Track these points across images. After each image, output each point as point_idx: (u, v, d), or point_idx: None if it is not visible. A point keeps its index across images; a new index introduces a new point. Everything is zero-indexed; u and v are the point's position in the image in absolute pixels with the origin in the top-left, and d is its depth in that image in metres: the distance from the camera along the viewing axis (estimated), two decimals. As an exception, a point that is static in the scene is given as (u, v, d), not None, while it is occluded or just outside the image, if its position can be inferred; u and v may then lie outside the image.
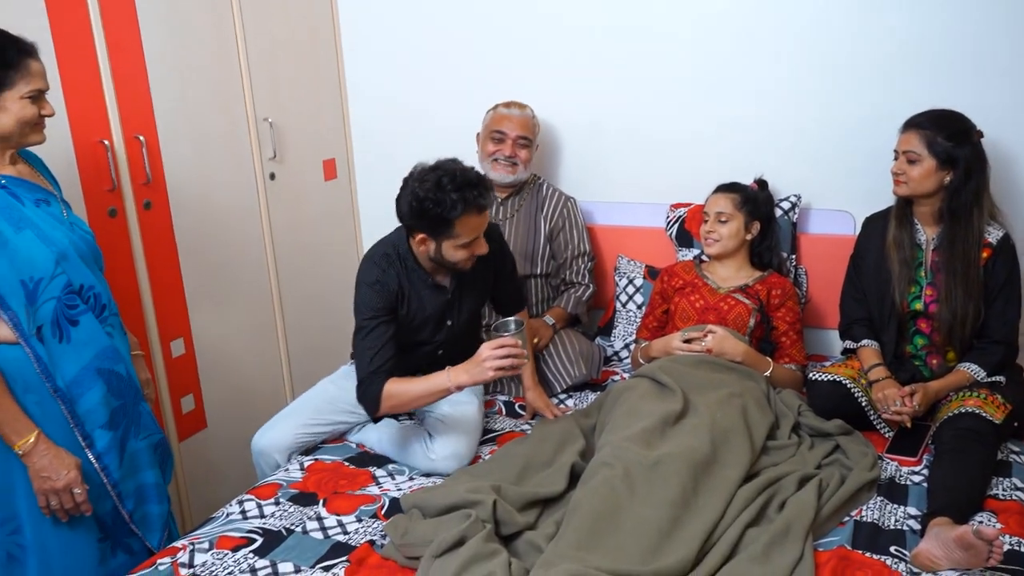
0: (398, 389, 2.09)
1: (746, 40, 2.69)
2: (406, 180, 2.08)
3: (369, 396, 2.09)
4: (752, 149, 2.74)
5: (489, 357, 1.98)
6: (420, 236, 2.09)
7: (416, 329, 2.24)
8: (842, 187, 2.68)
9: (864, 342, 2.30)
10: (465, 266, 2.15)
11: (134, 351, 2.04)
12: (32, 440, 1.71)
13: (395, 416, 2.35)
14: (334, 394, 2.34)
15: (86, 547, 1.85)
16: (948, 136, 2.13)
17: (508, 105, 2.77)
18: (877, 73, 2.56)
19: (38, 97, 1.74)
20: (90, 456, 1.81)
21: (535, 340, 2.51)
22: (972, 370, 2.15)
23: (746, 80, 2.72)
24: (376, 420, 2.20)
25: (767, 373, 2.32)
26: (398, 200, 2.10)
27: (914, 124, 2.18)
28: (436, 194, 1.99)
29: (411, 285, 2.20)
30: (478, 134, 2.82)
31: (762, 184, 2.56)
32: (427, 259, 2.16)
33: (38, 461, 1.72)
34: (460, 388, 2.06)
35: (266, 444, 2.24)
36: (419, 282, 2.20)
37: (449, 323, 2.27)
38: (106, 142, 2.28)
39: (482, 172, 2.31)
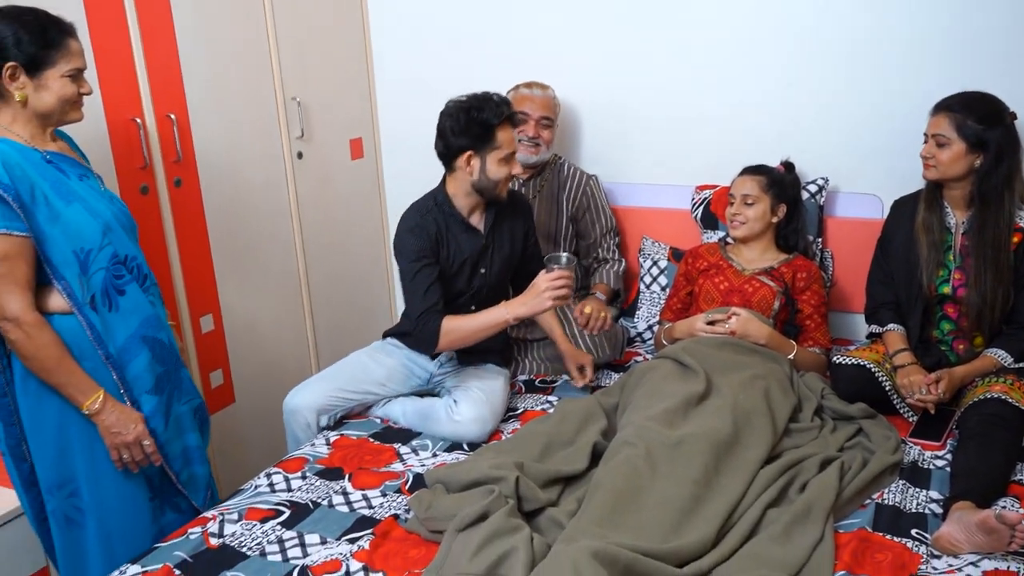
0: (456, 324, 2.18)
1: (775, 19, 2.66)
2: (445, 111, 2.21)
3: (427, 332, 2.17)
4: (780, 131, 2.72)
5: (548, 288, 2.07)
6: (466, 155, 2.19)
7: (453, 277, 2.31)
8: (871, 170, 2.65)
9: (890, 326, 2.29)
10: (503, 191, 2.27)
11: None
12: (100, 399, 1.79)
13: (419, 394, 2.40)
14: (368, 365, 2.39)
15: (139, 506, 1.93)
16: (979, 119, 2.10)
17: (529, 86, 2.77)
18: (907, 53, 2.52)
19: (77, 76, 1.79)
20: None
21: (602, 313, 2.52)
22: (999, 356, 2.14)
23: (774, 60, 2.69)
24: (433, 357, 2.26)
25: (791, 356, 2.31)
26: (441, 129, 2.21)
27: (944, 107, 2.15)
28: (479, 102, 2.17)
29: (448, 229, 2.29)
30: None
31: (789, 166, 2.55)
32: (468, 190, 2.25)
33: (107, 418, 1.79)
34: (517, 320, 2.15)
35: (298, 403, 2.30)
36: (456, 225, 2.29)
37: (483, 271, 2.34)
38: (138, 120, 2.32)
39: None
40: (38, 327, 1.72)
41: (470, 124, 2.16)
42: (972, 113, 2.10)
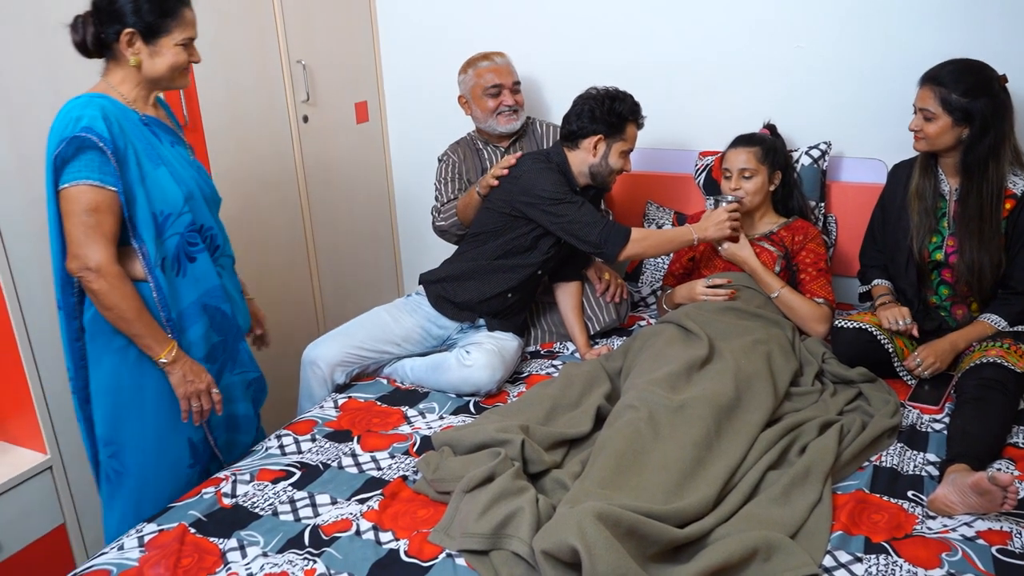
0: (646, 232, 2.38)
1: (782, -17, 2.64)
2: (588, 95, 2.38)
3: (619, 232, 2.31)
4: (782, 95, 2.72)
5: (728, 217, 2.34)
6: (596, 139, 2.35)
7: (542, 237, 2.40)
8: (873, 134, 2.65)
9: (876, 281, 2.36)
10: (612, 182, 2.45)
11: (245, 295, 2.17)
12: (175, 350, 1.84)
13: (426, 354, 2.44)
14: (388, 323, 2.44)
15: (179, 472, 1.98)
16: (964, 92, 2.09)
17: (487, 57, 2.75)
18: (910, 16, 2.51)
19: (188, 44, 1.85)
20: None
21: (619, 281, 2.64)
22: (993, 320, 2.17)
23: (777, 24, 2.68)
24: (613, 261, 2.36)
25: (775, 295, 2.34)
26: (580, 110, 2.36)
27: (930, 79, 2.14)
28: (621, 96, 2.37)
29: None
30: (461, 98, 2.79)
31: (772, 129, 2.54)
32: (582, 171, 2.40)
33: (181, 368, 1.86)
34: (702, 241, 2.36)
35: (316, 355, 2.36)
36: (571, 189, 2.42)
37: (563, 242, 2.41)
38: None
39: (486, 129, 2.68)
40: (120, 278, 1.77)
41: (610, 113, 2.33)
42: (958, 85, 2.10)
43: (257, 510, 1.79)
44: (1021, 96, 2.23)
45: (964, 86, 2.10)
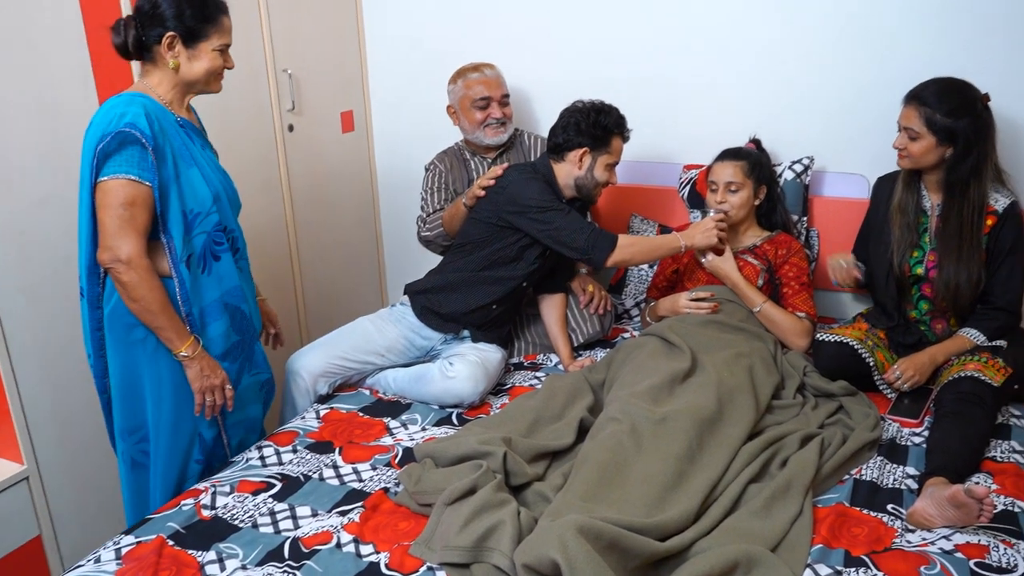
0: (632, 239, 2.39)
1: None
2: (574, 108, 2.41)
3: (606, 238, 2.31)
4: (766, 110, 2.74)
5: (714, 225, 2.34)
6: (582, 151, 2.37)
7: (528, 248, 2.41)
8: (856, 150, 2.67)
9: None
10: (598, 195, 2.47)
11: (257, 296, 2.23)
12: (194, 345, 1.89)
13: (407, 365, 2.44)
14: (371, 334, 2.43)
15: (186, 464, 2.01)
16: (948, 112, 2.11)
17: (477, 68, 2.75)
18: (893, 34, 2.54)
19: (224, 51, 1.91)
20: None
21: (603, 293, 2.66)
22: (971, 335, 2.19)
23: (760, 41, 2.70)
24: (600, 267, 2.37)
25: (757, 309, 2.35)
26: (566, 123, 2.39)
27: (914, 97, 2.17)
28: (606, 109, 2.39)
29: None
30: (450, 108, 2.80)
31: (758, 143, 2.57)
32: (568, 183, 2.42)
33: (199, 363, 1.90)
34: (689, 249, 2.36)
35: (299, 366, 2.35)
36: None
37: (548, 253, 2.42)
38: (128, 93, 2.31)
39: (473, 140, 2.70)
40: (149, 272, 1.82)
41: (595, 126, 2.36)
42: (942, 105, 2.12)
43: (237, 522, 1.77)
44: (1003, 114, 2.26)
45: (948, 106, 2.12)
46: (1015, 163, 2.40)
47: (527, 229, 2.35)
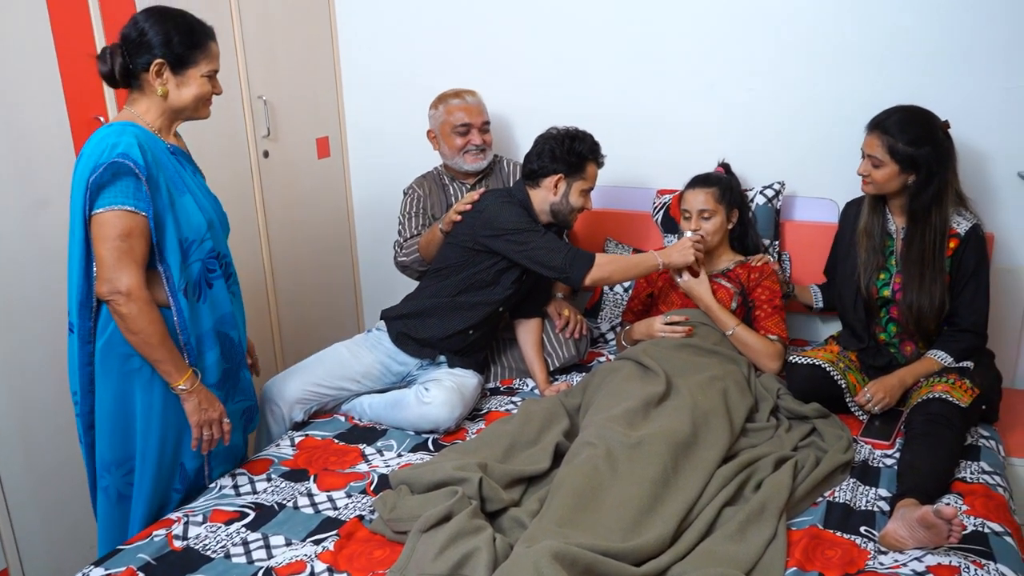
0: (610, 257, 2.41)
1: (733, 28, 2.72)
2: (548, 135, 2.42)
3: (584, 257, 2.32)
4: (738, 136, 2.78)
5: (692, 244, 2.37)
6: (556, 178, 2.38)
7: (506, 271, 2.42)
8: (826, 175, 2.73)
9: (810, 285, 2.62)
10: (574, 220, 2.48)
11: None
12: (192, 378, 1.87)
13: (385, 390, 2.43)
14: (347, 360, 2.42)
15: (166, 494, 1.98)
16: (909, 141, 2.17)
17: (458, 95, 2.77)
18: (861, 62, 2.60)
19: (212, 77, 1.92)
20: None
21: (579, 318, 2.67)
22: (939, 356, 2.23)
23: (732, 68, 2.76)
24: (579, 288, 2.40)
25: (729, 332, 2.38)
26: (541, 150, 2.40)
27: (877, 126, 2.22)
28: (580, 136, 2.41)
29: None
30: (430, 132, 2.81)
31: (727, 168, 2.60)
32: (544, 209, 2.43)
33: (197, 396, 1.88)
34: (666, 267, 2.37)
35: (274, 393, 2.34)
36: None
37: (524, 279, 2.43)
38: (101, 119, 2.30)
39: (452, 166, 2.71)
40: (148, 304, 1.79)
41: (569, 152, 2.38)
42: (904, 134, 2.17)
43: (209, 552, 1.75)
44: (963, 139, 2.32)
45: (909, 135, 2.17)
46: (976, 187, 2.46)
47: (504, 252, 2.36)
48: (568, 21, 2.91)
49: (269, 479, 2.05)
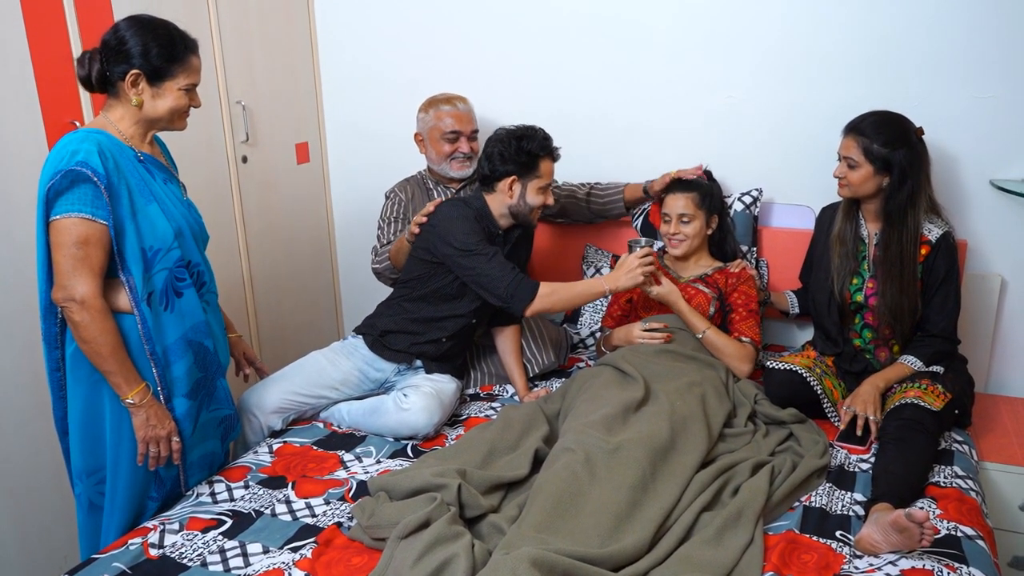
0: (555, 286, 2.32)
1: (713, 35, 2.75)
2: (495, 137, 2.37)
3: (527, 287, 2.28)
4: (716, 143, 2.81)
5: (639, 264, 2.27)
6: (510, 180, 2.34)
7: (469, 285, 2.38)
8: (803, 182, 2.75)
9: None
10: (535, 217, 2.44)
11: (229, 333, 2.21)
12: (143, 393, 1.85)
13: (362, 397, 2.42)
14: (324, 368, 2.41)
15: (141, 502, 1.97)
16: (884, 142, 2.21)
17: (449, 101, 2.77)
18: (838, 72, 2.64)
19: (191, 90, 1.89)
20: None
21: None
22: (909, 361, 2.26)
23: (712, 74, 2.78)
24: (519, 316, 2.34)
25: (700, 335, 2.39)
26: (490, 153, 2.36)
27: (853, 128, 2.27)
28: (528, 133, 2.35)
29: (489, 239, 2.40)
30: (418, 135, 2.81)
31: (708, 174, 2.63)
32: (503, 212, 2.40)
33: (146, 411, 1.86)
34: (613, 292, 2.30)
35: (252, 403, 2.32)
36: (491, 233, 2.42)
37: None
38: (76, 123, 2.28)
39: (438, 171, 2.69)
40: (102, 313, 1.78)
41: (518, 152, 2.33)
42: (879, 136, 2.21)
43: (185, 560, 1.74)
44: (935, 147, 2.35)
45: (884, 137, 2.21)
46: (949, 194, 2.51)
47: (454, 269, 2.35)
48: (550, 27, 2.93)
49: (247, 486, 2.03)
